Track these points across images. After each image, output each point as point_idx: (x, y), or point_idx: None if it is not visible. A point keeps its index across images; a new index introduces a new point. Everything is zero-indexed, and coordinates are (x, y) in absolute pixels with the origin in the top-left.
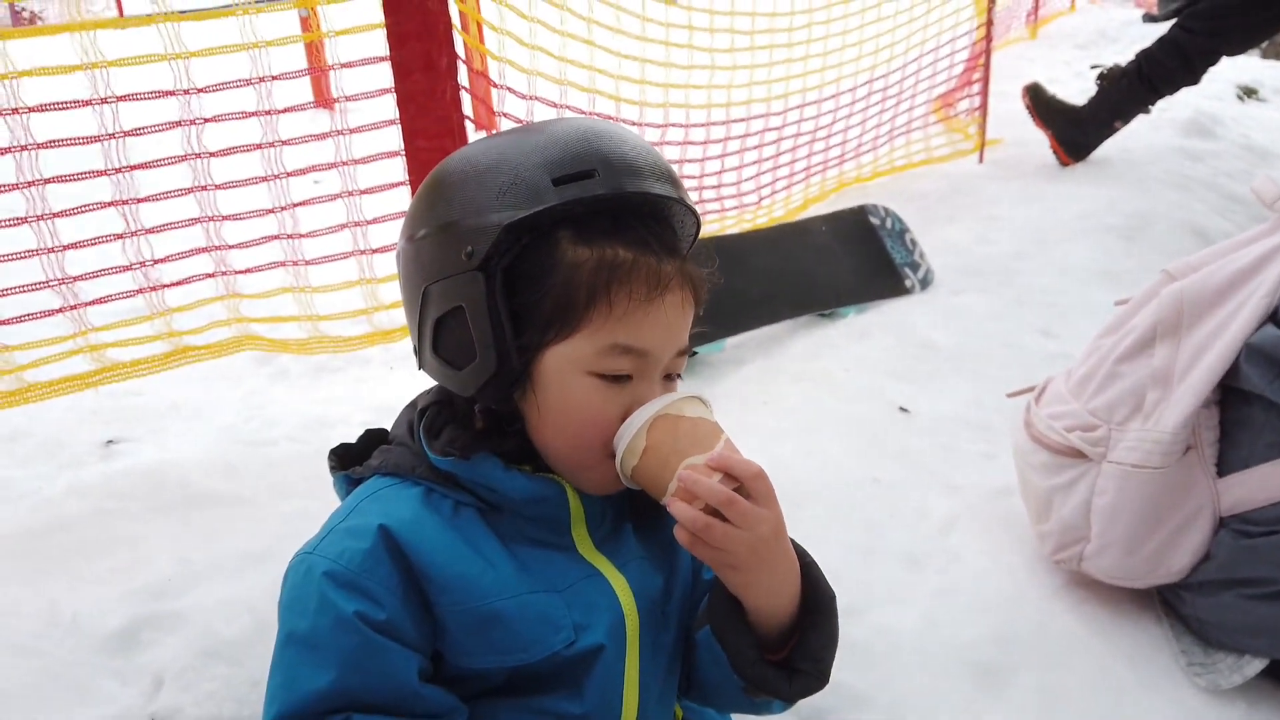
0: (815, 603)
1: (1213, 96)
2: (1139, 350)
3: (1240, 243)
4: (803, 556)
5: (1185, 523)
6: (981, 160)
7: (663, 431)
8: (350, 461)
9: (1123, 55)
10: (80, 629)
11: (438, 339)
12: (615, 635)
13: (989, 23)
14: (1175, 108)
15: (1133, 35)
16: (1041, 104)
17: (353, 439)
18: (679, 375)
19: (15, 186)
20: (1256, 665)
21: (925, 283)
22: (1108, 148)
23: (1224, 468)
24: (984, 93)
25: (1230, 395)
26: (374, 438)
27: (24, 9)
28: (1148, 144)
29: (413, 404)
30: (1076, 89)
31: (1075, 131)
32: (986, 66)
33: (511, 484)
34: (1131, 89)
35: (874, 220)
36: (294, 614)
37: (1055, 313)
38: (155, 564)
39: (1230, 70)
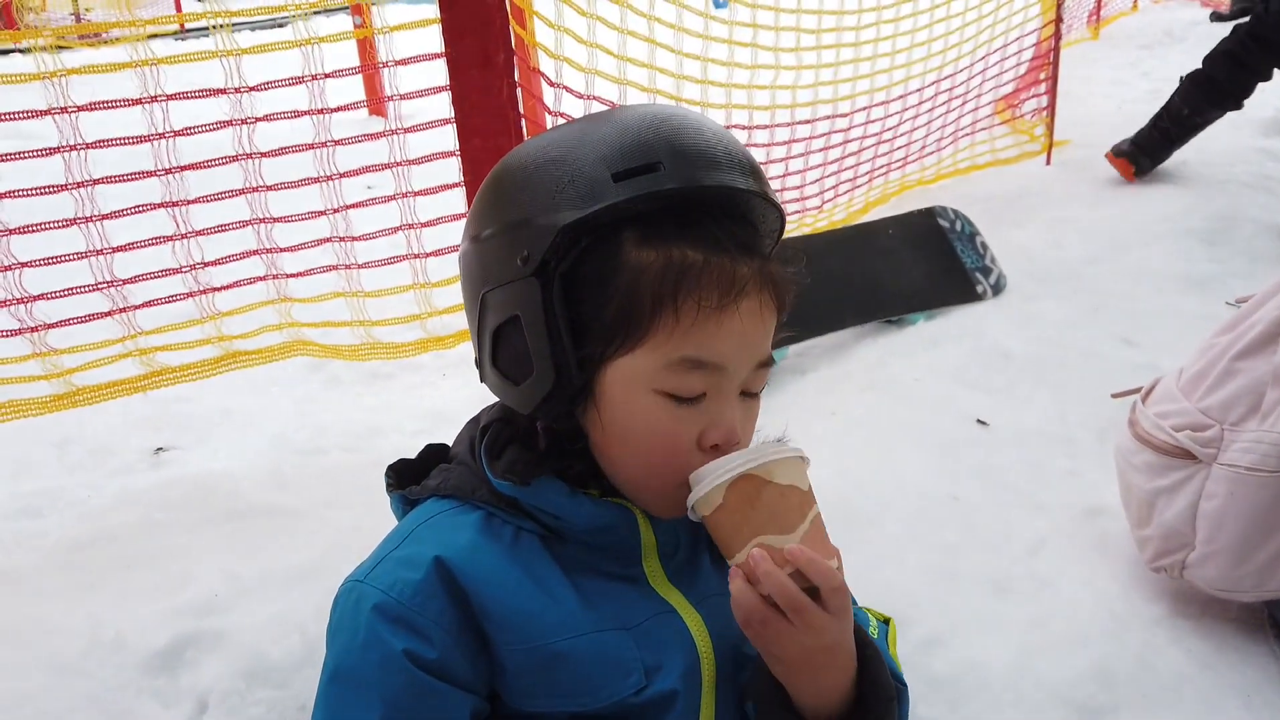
0: (870, 700)
1: None
2: (1261, 346)
3: None
4: (865, 646)
5: None
6: (1049, 162)
7: (743, 495)
8: (408, 479)
9: (1188, 55)
10: (123, 648)
11: (496, 350)
12: (690, 680)
13: (1057, 20)
14: (1255, 107)
15: (1199, 35)
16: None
17: (405, 448)
18: (760, 392)
19: (64, 187)
20: None
21: (998, 289)
22: (1185, 150)
23: None
24: (1051, 92)
25: None
26: (434, 454)
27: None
28: (1227, 145)
29: (475, 420)
30: (1142, 90)
31: (1137, 149)
32: (1055, 65)
33: (577, 511)
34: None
35: (943, 223)
36: (340, 647)
37: (1136, 320)
38: (202, 579)
39: None
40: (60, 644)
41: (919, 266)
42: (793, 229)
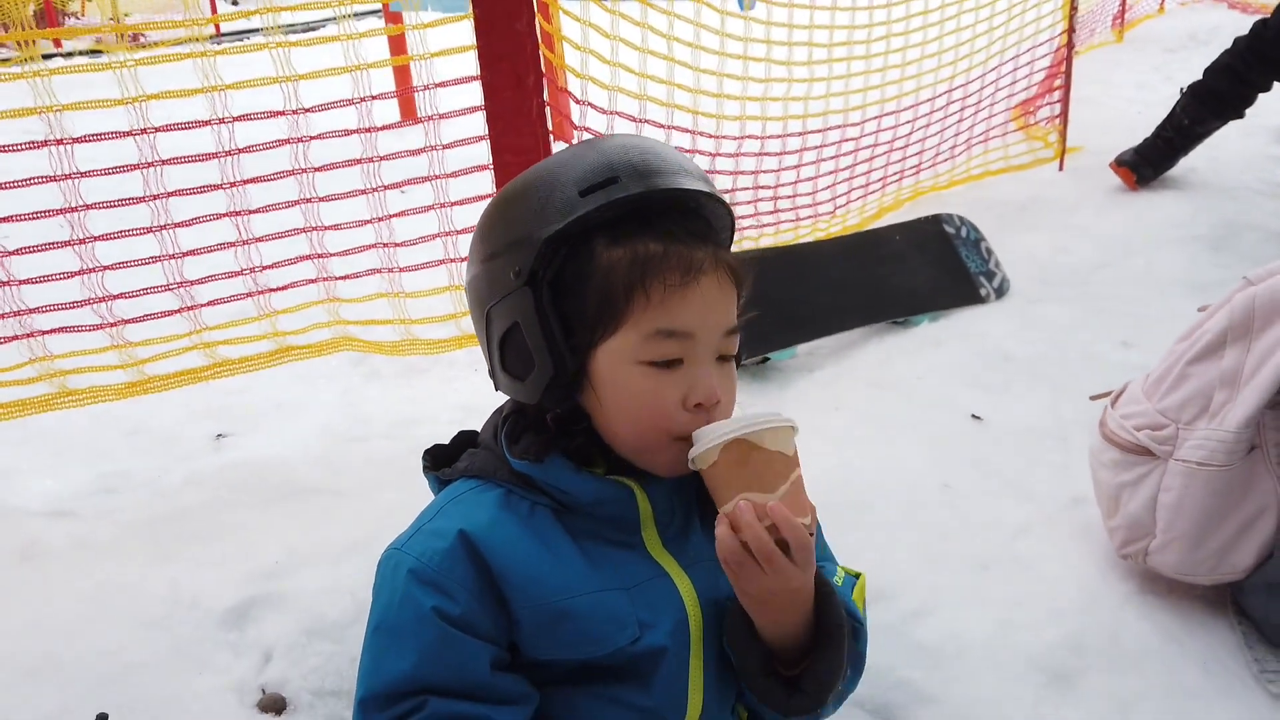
0: (825, 629)
1: None
2: (1210, 353)
3: None
4: (823, 586)
5: (1249, 521)
6: (1062, 168)
7: (735, 455)
8: (441, 461)
9: (1213, 60)
10: (198, 606)
11: (504, 356)
12: (678, 636)
13: (1069, 29)
14: (1267, 113)
15: (1224, 38)
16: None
17: (439, 437)
18: (736, 357)
19: (142, 199)
20: None
21: (1001, 292)
22: (1195, 156)
23: None
24: (1065, 99)
25: None
26: (465, 440)
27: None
28: (1238, 151)
29: (499, 410)
30: (1165, 94)
31: (1139, 159)
32: (1068, 73)
33: (581, 486)
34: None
35: (949, 229)
36: (381, 604)
37: (1136, 323)
38: (265, 550)
39: None
40: (145, 602)
41: (925, 271)
42: (805, 234)
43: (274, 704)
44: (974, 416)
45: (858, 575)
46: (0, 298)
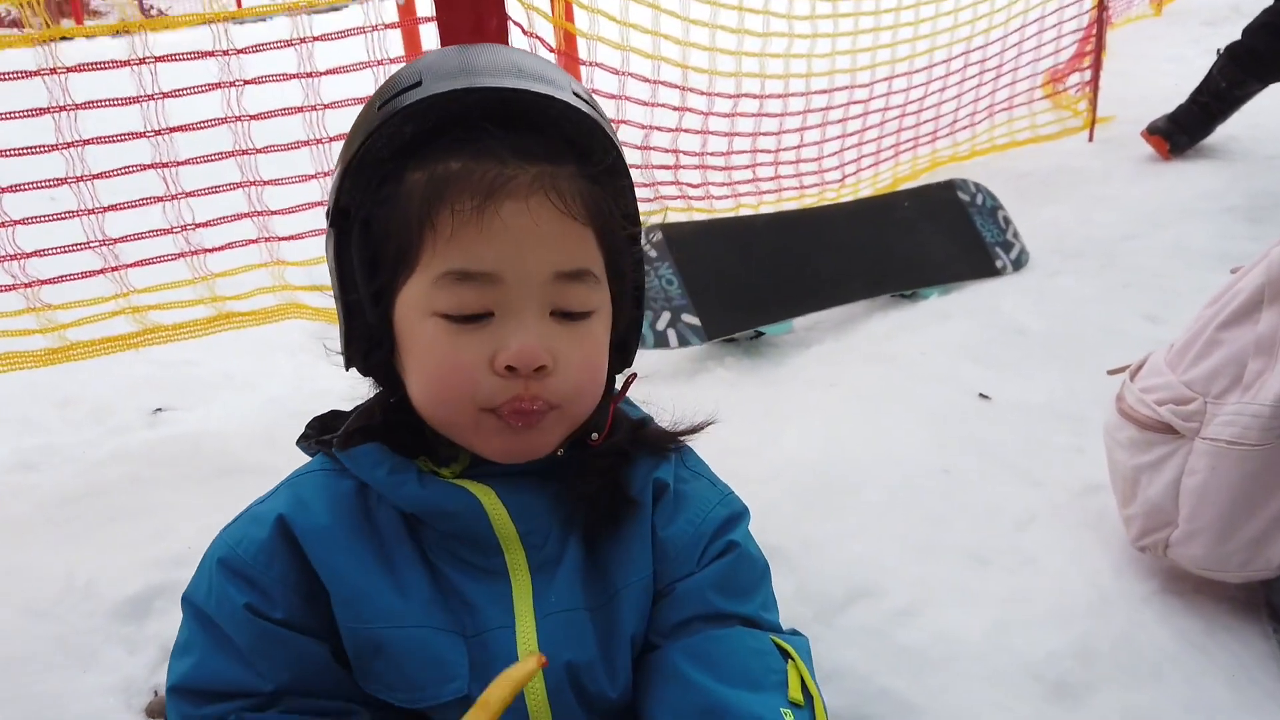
0: None
1: None
2: (1243, 316)
3: None
4: None
5: None
6: (1091, 139)
7: None
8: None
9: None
10: (94, 595)
11: None
12: (515, 709)
13: None
14: None
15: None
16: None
17: None
18: (586, 315)
19: (55, 147)
20: None
21: (1019, 264)
22: (1234, 124)
23: None
24: (1096, 65)
25: None
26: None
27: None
28: (1278, 120)
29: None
30: (1201, 67)
31: (1173, 126)
32: (1099, 38)
33: (397, 489)
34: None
35: (963, 196)
36: (202, 591)
37: (1164, 296)
38: (180, 532)
39: None
40: (34, 589)
41: (935, 240)
42: (812, 203)
43: (162, 709)
44: (981, 395)
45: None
46: None
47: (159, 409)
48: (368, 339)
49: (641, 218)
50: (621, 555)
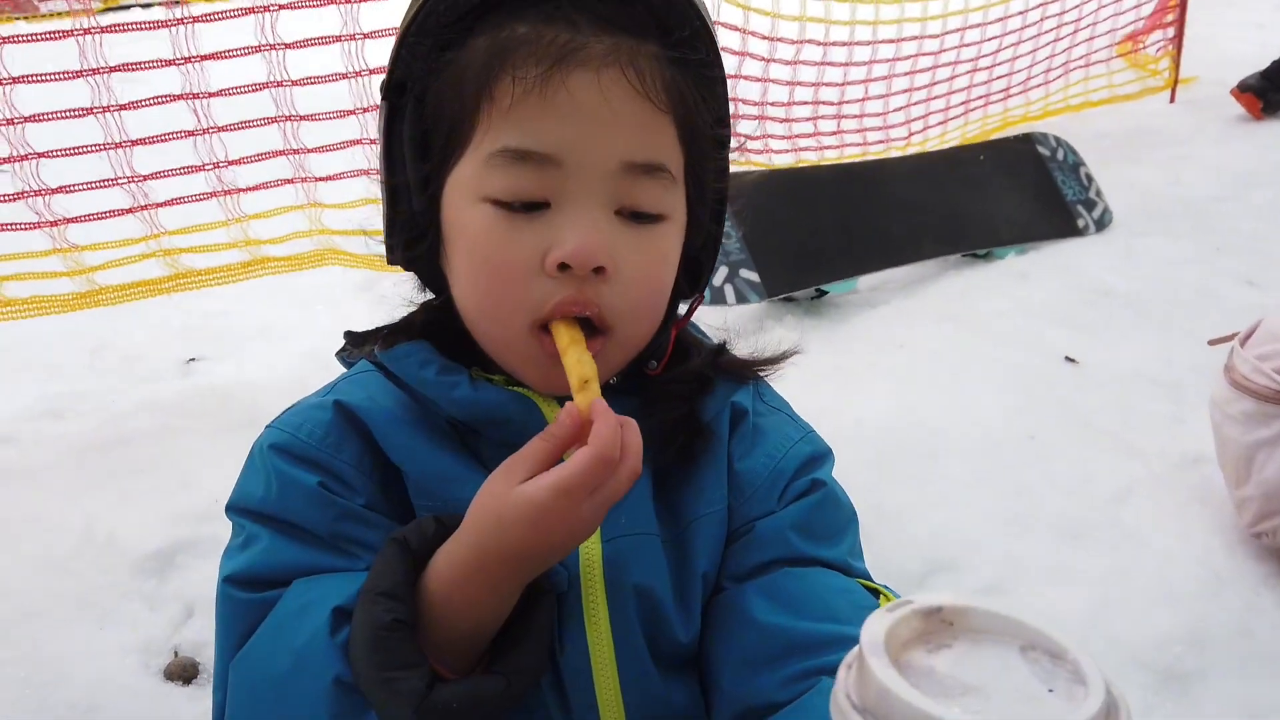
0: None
1: None
2: None
3: None
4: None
5: None
6: (1173, 100)
7: None
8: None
9: None
10: (114, 549)
11: None
12: (578, 650)
13: None
14: None
15: None
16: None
17: None
18: (655, 218)
19: (79, 74)
20: None
21: (1102, 223)
22: None
23: None
24: (1180, 22)
25: None
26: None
27: None
28: None
29: None
30: None
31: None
32: (1183, 2)
33: (449, 391)
34: None
35: (1043, 150)
36: (259, 496)
37: (1262, 260)
38: (206, 485)
39: None
40: (53, 541)
41: (1012, 196)
42: (876, 159)
43: (182, 671)
44: (1068, 359)
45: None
46: None
47: (192, 359)
48: (412, 228)
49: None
50: (694, 484)
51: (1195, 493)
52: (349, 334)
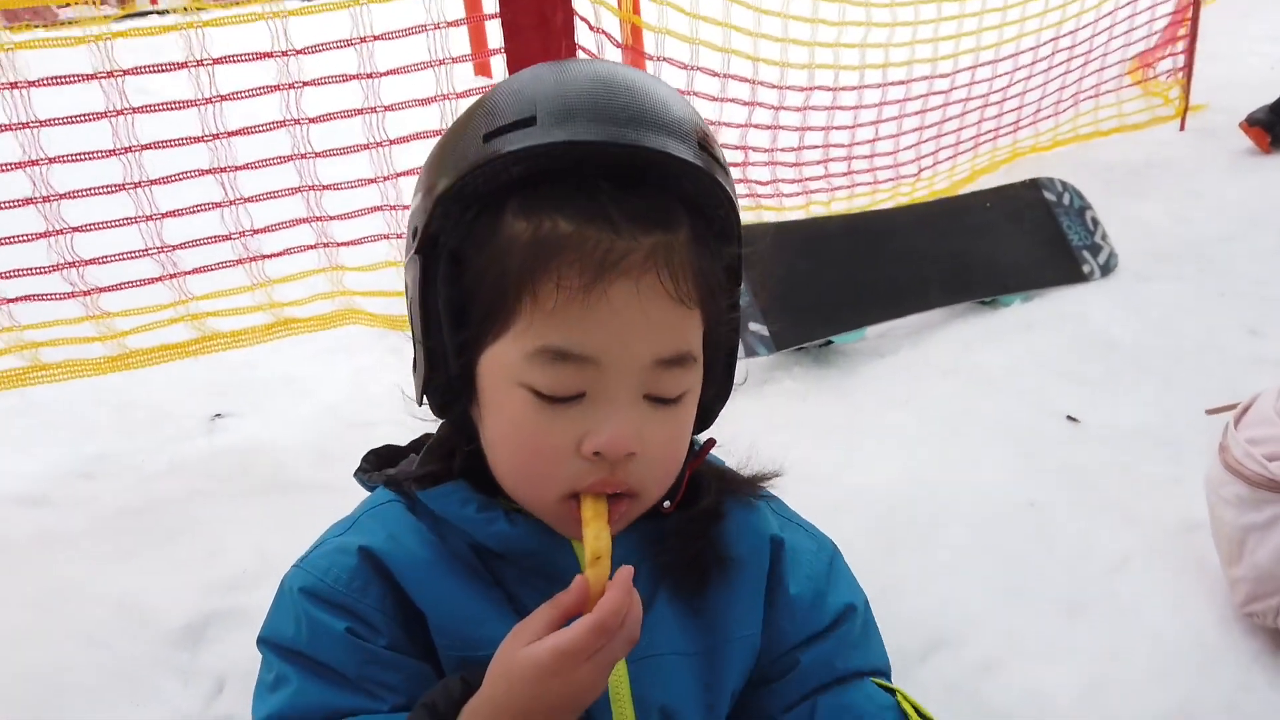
0: None
1: None
2: None
3: None
4: None
5: None
6: (1183, 128)
7: None
8: (386, 464)
9: None
10: (149, 622)
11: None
12: None
13: None
14: None
15: None
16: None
17: None
18: (678, 398)
19: (113, 153)
20: None
21: (1107, 268)
22: None
23: None
24: (1190, 50)
25: None
26: (420, 444)
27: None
28: None
29: None
30: None
31: (1275, 117)
32: (1194, 20)
33: (486, 528)
34: None
35: (1049, 196)
36: (290, 633)
37: (1266, 306)
38: (234, 553)
39: None
40: (90, 612)
41: (1018, 243)
42: (884, 199)
43: None
44: (1069, 418)
45: (893, 691)
46: None
47: (218, 414)
48: (448, 389)
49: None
50: (728, 607)
51: (1190, 562)
52: (370, 455)
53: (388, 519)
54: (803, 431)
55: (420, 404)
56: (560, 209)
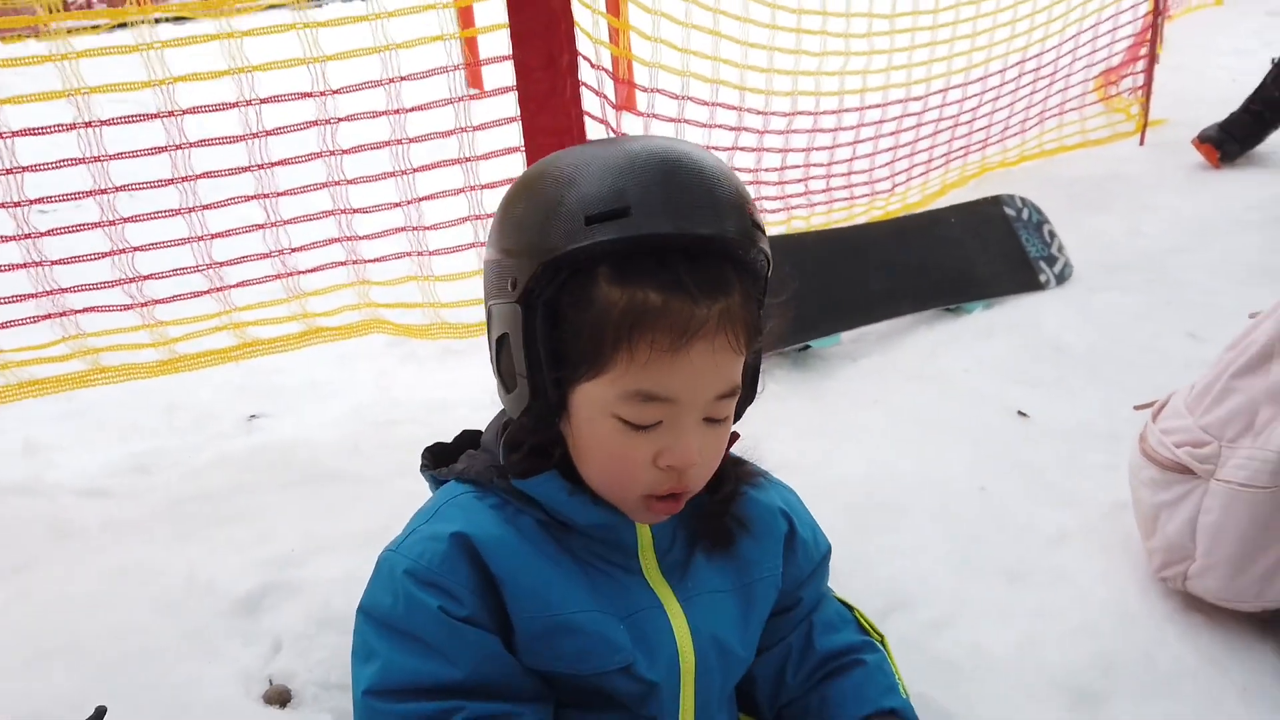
0: None
1: None
2: (1255, 366)
3: None
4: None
5: None
6: (1143, 143)
7: None
8: (441, 460)
9: None
10: (214, 592)
11: (498, 357)
12: (670, 670)
13: None
14: None
15: None
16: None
17: (471, 421)
18: (728, 418)
19: (170, 181)
20: None
21: (1062, 277)
22: None
23: None
24: (1149, 70)
25: None
26: (467, 439)
27: None
28: None
29: (503, 411)
30: (1261, 60)
31: (1224, 135)
32: (1153, 41)
33: (576, 510)
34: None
35: (1009, 211)
36: (385, 606)
37: (1207, 314)
38: (283, 535)
39: None
40: (161, 586)
41: (981, 255)
42: (860, 214)
43: (279, 696)
44: (1020, 413)
45: (882, 639)
46: (34, 277)
47: (254, 415)
48: (545, 412)
49: None
50: (757, 554)
51: (1119, 538)
52: (430, 451)
53: (466, 507)
54: (784, 429)
55: (518, 419)
56: (650, 281)
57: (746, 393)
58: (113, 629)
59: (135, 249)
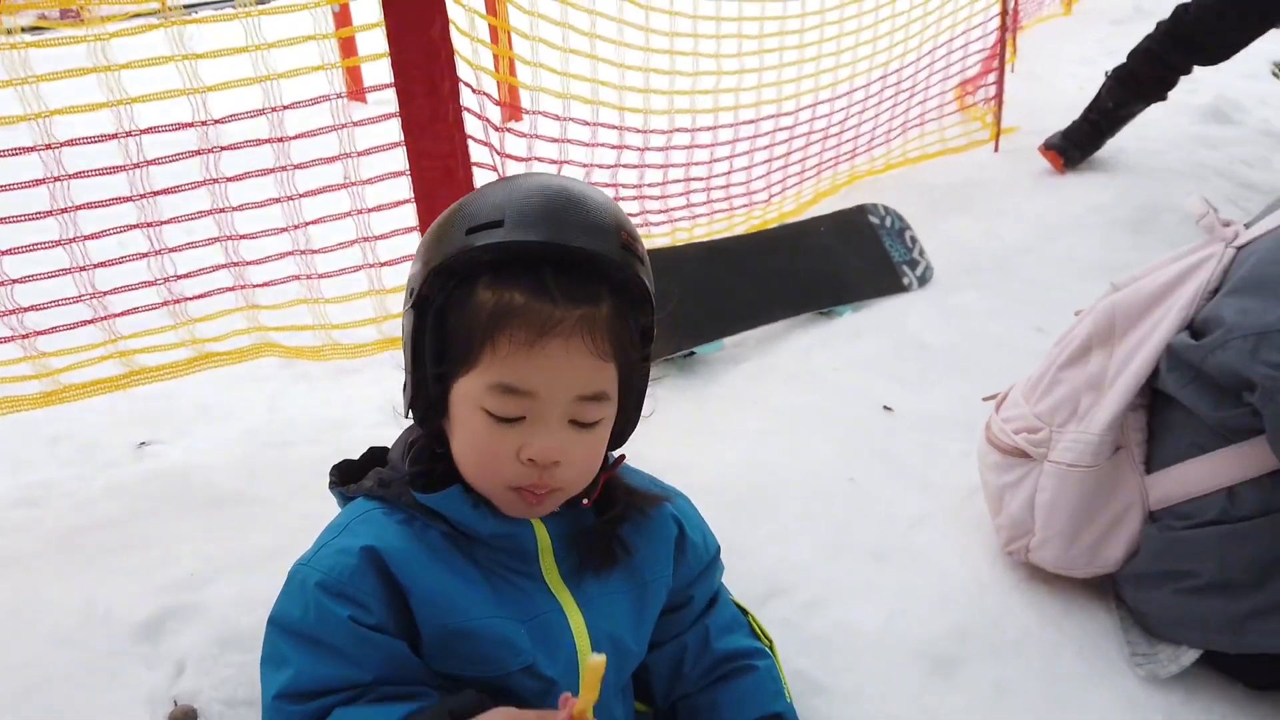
0: None
1: (1245, 75)
2: (1077, 358)
3: (1172, 257)
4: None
5: (1118, 517)
6: (997, 150)
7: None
8: (348, 478)
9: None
10: (112, 620)
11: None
12: (569, 670)
13: (1004, 11)
14: (1198, 92)
15: (1170, 9)
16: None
17: (366, 439)
18: (595, 423)
19: (50, 213)
20: (1191, 655)
21: (924, 280)
22: (1125, 137)
23: (1151, 465)
24: (999, 81)
25: (1158, 398)
26: (374, 457)
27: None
28: (1165, 132)
29: (411, 428)
30: (1105, 68)
31: (1067, 142)
32: (1002, 54)
33: (481, 522)
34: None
35: (873, 219)
36: (295, 616)
37: (1051, 309)
38: (181, 560)
39: (1267, 44)
40: (59, 618)
41: (849, 260)
42: (739, 224)
43: (184, 715)
44: (886, 408)
45: (771, 645)
46: None
47: (144, 442)
48: (428, 406)
49: None
50: (650, 559)
51: (973, 519)
52: (338, 469)
53: (374, 522)
54: (670, 432)
55: (406, 415)
56: (517, 285)
57: (630, 414)
58: (10, 665)
59: (14, 281)
